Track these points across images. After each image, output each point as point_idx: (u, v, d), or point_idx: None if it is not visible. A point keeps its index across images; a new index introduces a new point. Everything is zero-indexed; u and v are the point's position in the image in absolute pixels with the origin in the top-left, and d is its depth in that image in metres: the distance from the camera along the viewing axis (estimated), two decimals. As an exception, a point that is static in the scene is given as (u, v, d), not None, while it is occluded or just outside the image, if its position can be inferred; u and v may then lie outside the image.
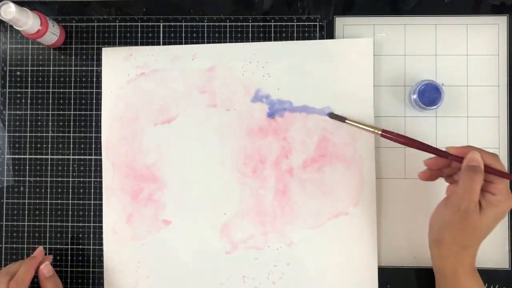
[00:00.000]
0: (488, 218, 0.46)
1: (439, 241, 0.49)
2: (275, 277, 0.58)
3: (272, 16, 0.60)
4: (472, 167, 0.46)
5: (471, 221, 0.46)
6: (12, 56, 0.61)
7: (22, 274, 0.53)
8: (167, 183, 0.59)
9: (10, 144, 0.61)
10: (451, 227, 0.48)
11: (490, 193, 0.47)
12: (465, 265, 0.49)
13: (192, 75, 0.60)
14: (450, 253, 0.49)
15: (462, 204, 0.46)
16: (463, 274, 0.49)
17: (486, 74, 0.59)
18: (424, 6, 0.59)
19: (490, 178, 0.47)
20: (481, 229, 0.47)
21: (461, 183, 0.47)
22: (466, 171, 0.46)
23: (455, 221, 0.47)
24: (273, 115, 0.59)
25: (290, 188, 0.58)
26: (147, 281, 0.59)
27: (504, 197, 0.46)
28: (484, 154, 0.47)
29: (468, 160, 0.47)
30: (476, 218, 0.46)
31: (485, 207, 0.46)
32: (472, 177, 0.46)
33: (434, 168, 0.51)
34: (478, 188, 0.46)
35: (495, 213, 0.46)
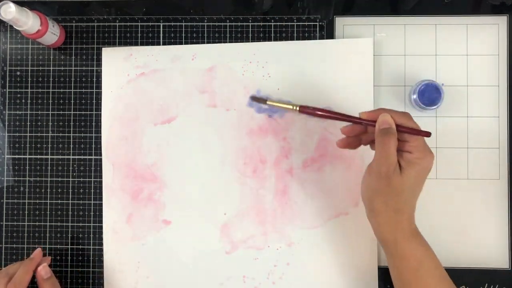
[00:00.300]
0: (410, 177, 0.45)
1: (372, 210, 0.48)
2: (275, 277, 0.58)
3: (272, 16, 0.60)
4: (384, 130, 0.45)
5: (394, 184, 0.45)
6: (12, 56, 0.61)
7: (20, 276, 0.53)
8: (167, 183, 0.59)
9: (10, 144, 0.61)
10: (379, 194, 0.46)
11: (407, 152, 0.46)
12: (404, 230, 0.47)
13: (192, 75, 0.60)
14: (386, 220, 0.47)
15: (382, 169, 0.45)
16: (403, 240, 0.47)
17: (486, 74, 0.59)
18: (424, 6, 0.59)
19: (405, 137, 0.46)
20: (406, 189, 0.46)
21: (377, 148, 0.46)
22: (379, 135, 0.46)
23: (381, 187, 0.46)
24: (273, 115, 0.59)
25: (290, 188, 0.58)
26: (147, 281, 0.59)
27: (421, 153, 0.45)
28: (395, 114, 0.46)
29: (379, 123, 0.46)
30: (399, 179, 0.45)
31: (405, 167, 0.45)
32: (385, 140, 0.45)
33: (350, 135, 0.50)
34: (394, 150, 0.45)
35: (416, 171, 0.45)
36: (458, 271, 0.57)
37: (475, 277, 0.58)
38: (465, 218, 0.58)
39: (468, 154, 0.58)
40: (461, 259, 0.58)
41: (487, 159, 0.58)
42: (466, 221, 0.58)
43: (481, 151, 0.58)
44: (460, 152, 0.58)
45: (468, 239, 0.58)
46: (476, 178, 0.58)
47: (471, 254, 0.58)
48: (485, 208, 0.58)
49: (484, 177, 0.58)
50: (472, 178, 0.58)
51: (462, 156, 0.58)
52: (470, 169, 0.58)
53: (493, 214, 0.58)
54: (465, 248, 0.58)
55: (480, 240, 0.58)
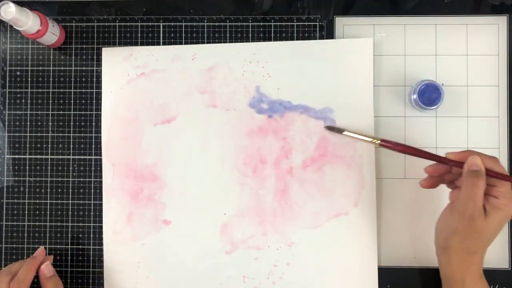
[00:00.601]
0: (494, 222, 0.46)
1: (446, 248, 0.49)
2: (275, 277, 0.58)
3: (272, 16, 0.60)
4: (474, 172, 0.46)
5: (477, 226, 0.46)
6: (12, 56, 0.61)
7: (23, 274, 0.53)
8: (167, 183, 0.59)
9: (10, 144, 0.61)
10: (457, 234, 0.47)
11: (494, 197, 0.47)
12: (473, 272, 0.49)
13: (192, 75, 0.60)
14: (457, 260, 0.48)
15: (466, 210, 0.46)
16: (471, 281, 0.48)
17: (486, 74, 0.59)
18: (424, 6, 0.59)
19: (492, 181, 0.47)
20: (487, 233, 0.47)
21: (464, 189, 0.46)
22: (467, 177, 0.46)
23: (461, 228, 0.47)
24: (273, 115, 0.59)
25: (290, 188, 0.58)
26: (147, 281, 0.59)
27: (508, 200, 0.46)
28: (484, 157, 0.47)
29: (469, 165, 0.47)
30: (482, 223, 0.46)
31: (490, 211, 0.46)
32: (474, 182, 0.46)
33: (435, 175, 0.50)
34: (481, 193, 0.46)
35: (500, 217, 0.46)
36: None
37: (475, 277, 0.58)
38: (465, 218, 0.58)
39: (468, 154, 0.58)
40: (461, 259, 0.58)
41: (487, 159, 0.58)
42: (466, 221, 0.58)
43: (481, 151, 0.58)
44: (460, 152, 0.58)
45: (468, 239, 0.58)
46: (476, 178, 0.58)
47: (471, 254, 0.58)
48: (485, 208, 0.58)
49: (484, 177, 0.58)
50: (472, 178, 0.58)
51: (462, 156, 0.58)
52: (470, 169, 0.58)
53: (493, 214, 0.58)
54: (465, 248, 0.58)
55: (480, 240, 0.58)
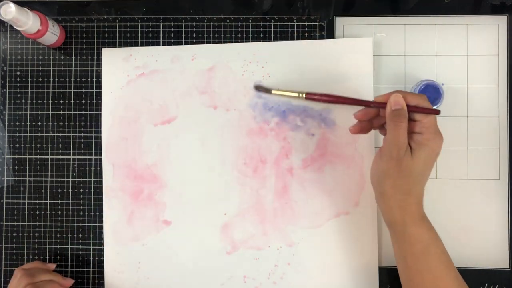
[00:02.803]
0: (421, 158, 0.45)
1: (382, 193, 0.48)
2: (276, 277, 0.58)
3: (272, 16, 0.60)
4: (395, 111, 0.45)
5: (404, 166, 0.45)
6: (12, 56, 0.61)
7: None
8: (167, 183, 0.59)
9: (10, 144, 0.61)
10: (389, 176, 0.46)
11: (418, 133, 0.46)
12: (412, 213, 0.47)
13: (192, 75, 0.60)
14: (395, 203, 0.47)
15: (393, 151, 0.45)
16: (412, 223, 0.47)
17: (486, 74, 0.59)
18: (424, 6, 0.59)
19: (416, 117, 0.46)
20: (416, 171, 0.46)
21: (388, 130, 0.45)
22: (389, 117, 0.45)
23: (391, 169, 0.46)
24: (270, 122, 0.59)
25: (290, 188, 0.58)
26: (147, 282, 0.59)
27: (432, 134, 0.45)
28: (408, 95, 0.46)
29: (391, 104, 0.45)
30: (409, 161, 0.45)
31: (415, 148, 0.45)
32: (395, 121, 0.45)
33: (363, 119, 0.49)
34: (404, 132, 0.45)
35: (426, 152, 0.45)
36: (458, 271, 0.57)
37: (475, 277, 0.58)
38: (465, 218, 0.58)
39: (468, 154, 0.58)
40: (461, 259, 0.58)
41: (487, 159, 0.58)
42: (466, 221, 0.58)
43: (481, 151, 0.58)
44: (460, 152, 0.58)
45: (468, 239, 0.58)
46: (476, 178, 0.58)
47: (471, 254, 0.58)
48: (485, 208, 0.58)
49: (484, 177, 0.58)
50: (472, 178, 0.58)
51: (462, 156, 0.58)
52: (470, 169, 0.58)
53: (493, 214, 0.58)
54: (465, 248, 0.58)
55: (480, 240, 0.58)
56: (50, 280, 0.56)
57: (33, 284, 0.53)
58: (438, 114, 0.46)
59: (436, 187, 0.58)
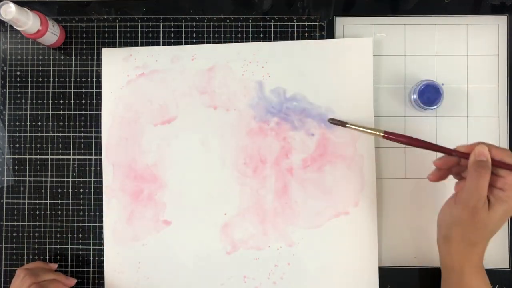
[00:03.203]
0: (497, 214, 0.46)
1: (447, 237, 0.48)
2: (276, 277, 0.58)
3: (272, 16, 0.60)
4: (479, 162, 0.45)
5: (479, 217, 0.45)
6: (12, 56, 0.61)
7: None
8: (167, 183, 0.59)
9: (10, 144, 0.61)
10: (460, 224, 0.47)
11: (499, 189, 0.46)
12: (473, 263, 0.48)
13: (192, 75, 0.60)
14: (458, 250, 0.48)
15: (470, 201, 0.45)
16: (470, 272, 0.48)
17: (486, 74, 0.59)
18: (424, 6, 0.59)
19: (499, 172, 0.46)
20: (490, 225, 0.46)
21: (469, 179, 0.46)
22: (473, 166, 0.46)
23: (464, 218, 0.46)
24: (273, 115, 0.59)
25: (290, 188, 0.58)
26: (147, 282, 0.59)
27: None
28: (493, 148, 0.46)
29: (475, 154, 0.46)
30: (485, 214, 0.45)
31: (494, 203, 0.46)
32: (479, 173, 0.45)
33: (443, 168, 0.50)
34: (486, 184, 0.45)
35: (504, 209, 0.45)
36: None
37: (475, 277, 0.58)
38: (465, 218, 0.58)
39: (468, 154, 0.58)
40: (461, 259, 0.58)
41: (487, 159, 0.58)
42: (466, 221, 0.58)
43: (481, 151, 0.58)
44: (460, 152, 0.59)
45: (468, 239, 0.58)
46: (476, 178, 0.58)
47: (471, 254, 0.58)
48: (485, 208, 0.58)
49: (484, 177, 0.58)
50: (472, 178, 0.58)
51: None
52: (470, 169, 0.58)
53: (493, 214, 0.58)
54: (465, 248, 0.58)
55: (480, 240, 0.58)
56: (54, 280, 0.56)
57: (37, 283, 0.53)
58: None
59: (436, 187, 0.58)
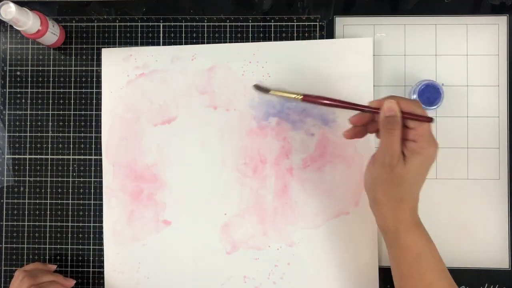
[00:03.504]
0: (413, 166, 0.44)
1: (374, 199, 0.47)
2: (276, 277, 0.58)
3: (272, 16, 0.60)
4: (388, 118, 0.44)
5: (397, 173, 0.44)
6: (12, 56, 0.61)
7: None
8: (167, 183, 0.59)
9: (10, 144, 0.61)
10: (381, 183, 0.46)
11: (412, 141, 0.45)
12: (405, 220, 0.46)
13: (192, 75, 0.60)
14: (387, 210, 0.46)
15: (385, 158, 0.44)
16: (404, 231, 0.46)
17: (486, 74, 0.59)
18: (424, 6, 0.59)
19: (410, 124, 0.44)
20: (409, 179, 0.45)
21: (381, 137, 0.45)
22: (383, 123, 0.44)
23: (384, 177, 0.45)
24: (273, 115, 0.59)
25: (290, 188, 0.58)
26: (147, 282, 0.59)
27: (426, 143, 0.44)
28: (402, 101, 0.45)
29: (384, 110, 0.44)
30: (402, 169, 0.44)
31: (409, 156, 0.44)
32: (389, 128, 0.44)
33: (358, 124, 0.48)
34: (398, 139, 0.44)
35: (419, 161, 0.44)
36: (458, 271, 0.57)
37: (475, 277, 0.58)
38: (465, 218, 0.58)
39: (468, 154, 0.58)
40: (461, 259, 0.58)
41: (487, 159, 0.58)
42: (466, 221, 0.58)
43: (481, 151, 0.58)
44: (460, 152, 0.58)
45: (468, 239, 0.58)
46: (476, 178, 0.58)
47: (471, 254, 0.58)
48: (485, 208, 0.58)
49: (484, 177, 0.58)
50: (472, 178, 0.58)
51: (462, 156, 0.58)
52: (470, 169, 0.58)
53: (493, 214, 0.58)
54: (465, 248, 0.58)
55: (480, 240, 0.58)
56: (53, 281, 0.56)
57: (36, 285, 0.53)
58: (432, 122, 0.45)
59: (436, 187, 0.58)
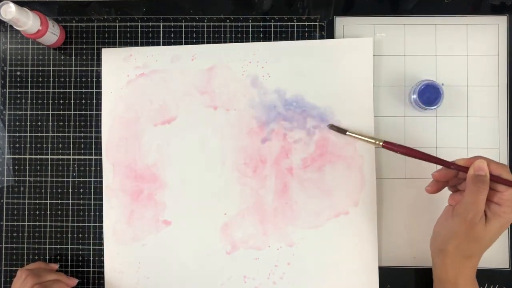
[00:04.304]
0: (493, 228, 0.46)
1: (442, 250, 0.49)
2: (276, 277, 0.58)
3: (272, 16, 0.60)
4: (478, 177, 0.46)
5: (476, 232, 0.46)
6: (12, 56, 0.61)
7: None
8: (167, 183, 0.59)
9: (10, 144, 0.61)
10: (456, 237, 0.47)
11: (496, 204, 0.46)
12: (466, 276, 0.49)
13: (192, 75, 0.60)
14: (453, 263, 0.48)
15: (468, 215, 0.46)
16: (464, 284, 0.49)
17: (486, 74, 0.59)
18: (424, 6, 0.59)
19: (497, 187, 0.46)
20: (486, 239, 0.47)
21: (467, 193, 0.46)
22: (471, 181, 0.46)
23: (461, 232, 0.47)
24: (273, 115, 0.59)
25: (290, 188, 0.58)
26: (147, 282, 0.59)
27: (510, 208, 0.46)
28: (492, 163, 0.47)
29: (474, 169, 0.46)
30: (482, 228, 0.46)
31: (491, 218, 0.46)
32: (478, 187, 0.45)
33: (441, 180, 0.50)
34: (484, 198, 0.45)
35: (500, 224, 0.46)
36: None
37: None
38: (465, 218, 0.58)
39: (468, 154, 0.58)
40: (461, 259, 0.58)
41: (487, 159, 0.58)
42: (466, 221, 0.58)
43: (481, 151, 0.58)
44: (460, 152, 0.58)
45: (468, 239, 0.58)
46: (476, 178, 0.58)
47: (471, 254, 0.58)
48: (485, 208, 0.58)
49: (484, 177, 0.58)
50: (472, 178, 0.58)
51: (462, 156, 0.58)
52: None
53: (493, 214, 0.58)
54: (465, 248, 0.58)
55: (480, 240, 0.58)
56: (56, 280, 0.55)
57: (40, 284, 0.53)
58: None
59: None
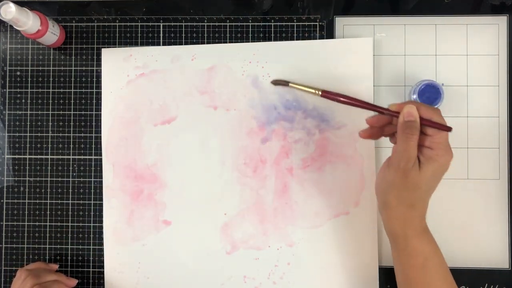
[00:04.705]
0: (427, 173, 0.45)
1: (385, 203, 0.47)
2: (276, 277, 0.58)
3: (272, 16, 0.60)
4: (407, 123, 0.44)
5: (411, 178, 0.45)
6: (12, 56, 0.61)
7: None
8: (167, 183, 0.59)
9: (10, 144, 0.61)
10: (394, 188, 0.46)
11: (428, 148, 0.45)
12: (414, 226, 0.47)
13: (192, 75, 0.60)
14: (397, 215, 0.47)
15: (401, 162, 0.44)
16: (413, 236, 0.47)
17: (486, 74, 0.59)
18: (424, 6, 0.59)
19: (428, 131, 0.45)
20: (422, 185, 0.45)
21: (398, 141, 0.45)
22: (401, 128, 0.45)
23: (397, 181, 0.45)
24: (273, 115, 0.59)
25: (290, 188, 0.58)
26: (147, 282, 0.59)
27: (442, 150, 0.45)
28: (423, 107, 0.45)
29: (403, 115, 0.45)
30: (416, 174, 0.45)
31: (424, 162, 0.45)
32: (407, 133, 0.44)
33: (375, 126, 0.49)
34: (415, 144, 0.44)
35: (434, 168, 0.45)
36: (458, 271, 0.57)
37: (475, 277, 0.58)
38: (465, 218, 0.58)
39: (468, 154, 0.58)
40: (461, 259, 0.58)
41: (487, 159, 0.58)
42: (466, 221, 0.58)
43: (481, 151, 0.58)
44: (460, 152, 0.58)
45: (468, 239, 0.58)
46: (476, 178, 0.58)
47: (471, 254, 0.58)
48: (485, 208, 0.58)
49: (484, 177, 0.58)
50: (472, 178, 0.58)
51: (462, 156, 0.58)
52: (470, 169, 0.58)
53: (493, 214, 0.58)
54: (465, 248, 0.58)
55: (480, 240, 0.58)
56: (56, 280, 0.56)
57: (39, 284, 0.53)
58: (451, 131, 0.45)
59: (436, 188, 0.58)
